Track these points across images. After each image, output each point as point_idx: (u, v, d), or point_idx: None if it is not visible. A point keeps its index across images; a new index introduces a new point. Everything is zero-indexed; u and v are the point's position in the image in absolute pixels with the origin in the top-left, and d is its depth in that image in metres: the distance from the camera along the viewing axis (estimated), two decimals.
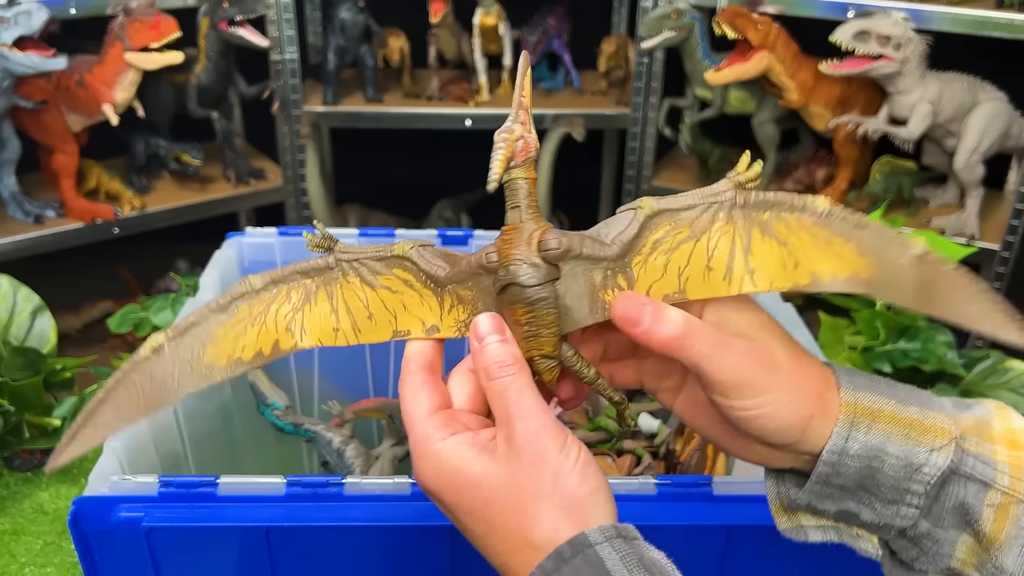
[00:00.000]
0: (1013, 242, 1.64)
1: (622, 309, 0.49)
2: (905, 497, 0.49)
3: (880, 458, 0.48)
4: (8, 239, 1.61)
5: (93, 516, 0.66)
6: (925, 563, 0.51)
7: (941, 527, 0.50)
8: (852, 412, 0.48)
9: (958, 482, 0.49)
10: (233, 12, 1.70)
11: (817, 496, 0.50)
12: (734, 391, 0.48)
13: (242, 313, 0.53)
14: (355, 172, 2.26)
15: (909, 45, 1.56)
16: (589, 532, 0.45)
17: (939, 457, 0.48)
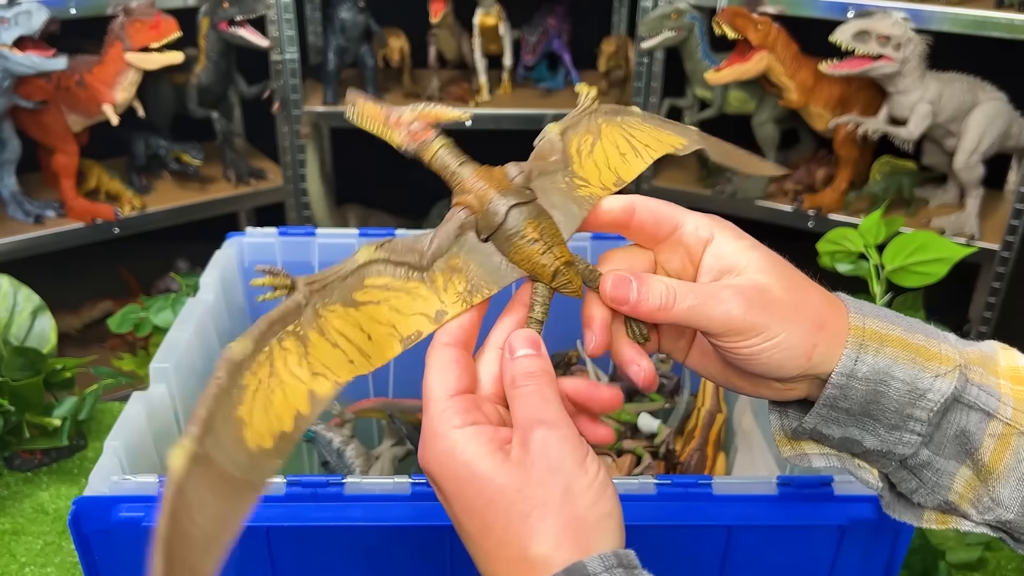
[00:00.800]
0: (1013, 242, 1.64)
1: (611, 290, 0.50)
2: (908, 423, 0.49)
3: (886, 382, 0.48)
4: (8, 239, 1.61)
5: (93, 516, 0.66)
6: (924, 495, 0.52)
7: (942, 455, 0.50)
8: (861, 335, 0.49)
9: (961, 410, 0.49)
10: (233, 12, 1.70)
11: (823, 420, 0.50)
12: (729, 336, 0.48)
13: (251, 383, 0.45)
14: (355, 172, 2.26)
15: (909, 45, 1.56)
16: (588, 561, 0.43)
17: (943, 383, 0.48)
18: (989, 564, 0.96)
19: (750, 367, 0.49)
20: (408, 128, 0.54)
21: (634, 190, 2.20)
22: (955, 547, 0.95)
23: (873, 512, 0.68)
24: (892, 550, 0.70)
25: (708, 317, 0.48)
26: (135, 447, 0.76)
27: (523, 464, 0.45)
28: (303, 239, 1.05)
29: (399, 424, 1.00)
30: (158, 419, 0.82)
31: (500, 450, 0.46)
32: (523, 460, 0.45)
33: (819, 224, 1.76)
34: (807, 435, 0.52)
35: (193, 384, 0.89)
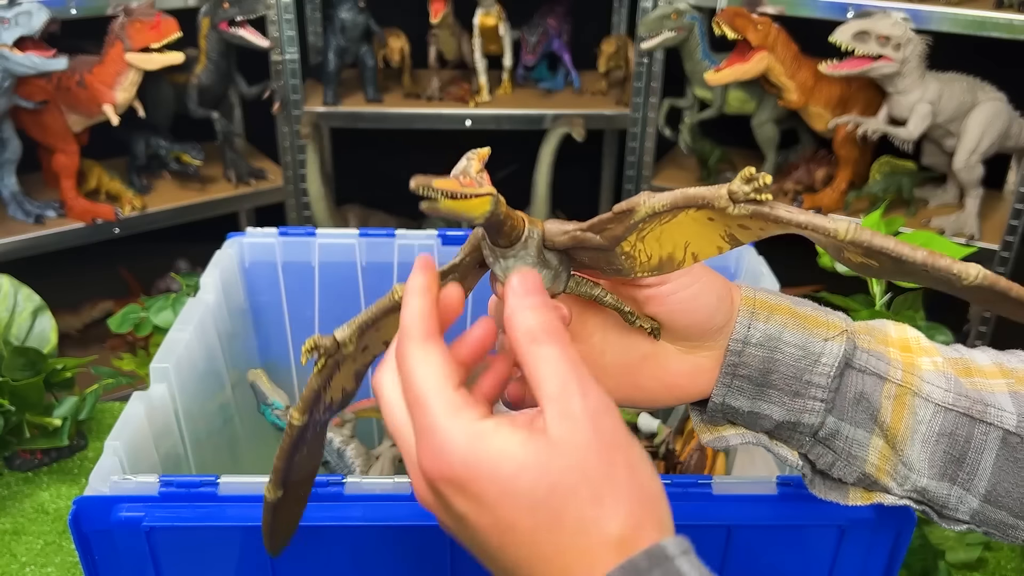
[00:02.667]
0: (1012, 242, 1.64)
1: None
2: (808, 389, 0.51)
3: (779, 347, 0.50)
4: (9, 239, 1.61)
5: (93, 516, 0.66)
6: (841, 468, 0.53)
7: (848, 422, 0.52)
8: (752, 304, 0.51)
9: (854, 375, 0.51)
10: (233, 12, 1.70)
11: (728, 390, 0.52)
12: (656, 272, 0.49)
13: None
14: (355, 172, 2.26)
15: (909, 45, 1.56)
16: (666, 544, 0.39)
17: (834, 346, 0.50)
18: (989, 564, 0.96)
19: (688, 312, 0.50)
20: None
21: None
22: (955, 547, 0.95)
23: (873, 512, 0.68)
24: (892, 550, 0.70)
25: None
26: (135, 447, 0.76)
27: (575, 440, 0.40)
28: (303, 239, 1.05)
29: None
30: (158, 419, 0.82)
31: (536, 431, 0.40)
32: (574, 434, 0.40)
33: None
34: (720, 414, 0.54)
35: (193, 384, 0.89)
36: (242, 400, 1.04)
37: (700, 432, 0.56)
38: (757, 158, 1.91)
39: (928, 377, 0.51)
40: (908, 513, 0.69)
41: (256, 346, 1.10)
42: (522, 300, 0.43)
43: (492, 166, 0.51)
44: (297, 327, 1.10)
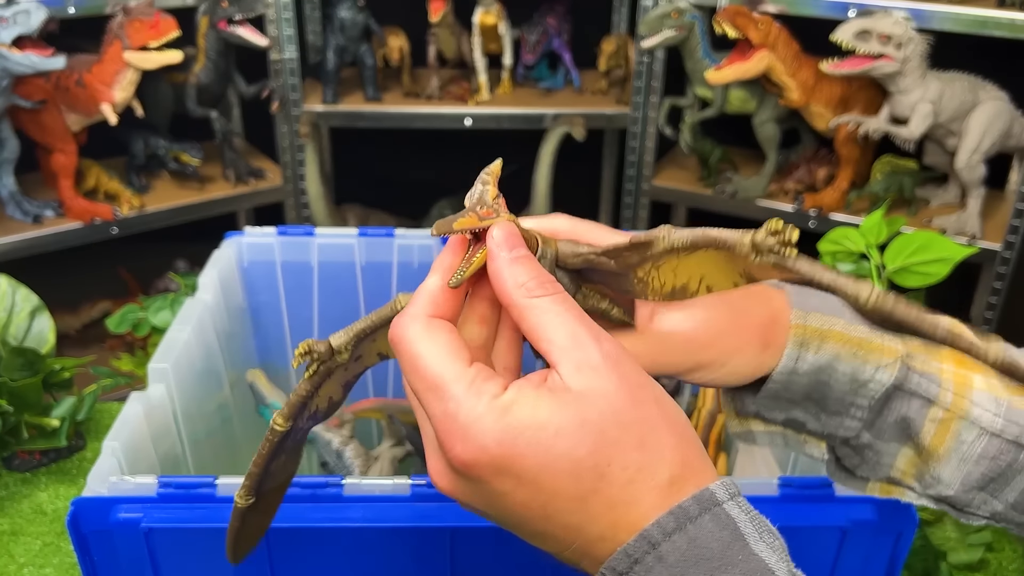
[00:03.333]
0: (1014, 242, 1.64)
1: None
2: (849, 410, 0.50)
3: (828, 374, 0.49)
4: (7, 239, 1.61)
5: (92, 517, 0.65)
6: (866, 471, 0.53)
7: (882, 440, 0.51)
8: (802, 334, 0.48)
9: (902, 398, 0.50)
10: (232, 11, 1.70)
11: (766, 407, 0.51)
12: (688, 376, 0.49)
13: None
14: (355, 172, 2.25)
15: (910, 44, 1.56)
16: (715, 488, 0.39)
17: (884, 374, 0.48)
18: (990, 565, 0.96)
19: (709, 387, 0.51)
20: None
21: (634, 189, 2.17)
22: (956, 548, 0.94)
23: (874, 513, 0.68)
24: (893, 551, 0.70)
25: (664, 364, 0.49)
26: (134, 447, 0.75)
27: (601, 390, 0.38)
28: (302, 239, 1.05)
29: (398, 425, 0.99)
30: (157, 419, 0.81)
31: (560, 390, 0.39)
32: (598, 386, 0.38)
33: (820, 224, 1.75)
34: (752, 416, 0.53)
35: (192, 384, 0.89)
36: (241, 400, 1.03)
37: (728, 417, 0.55)
38: (758, 157, 1.91)
39: (978, 399, 0.49)
40: (910, 514, 0.68)
41: (255, 346, 1.10)
42: (508, 254, 0.41)
43: None
44: (296, 327, 1.10)
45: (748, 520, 0.39)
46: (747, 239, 0.45)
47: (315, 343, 0.48)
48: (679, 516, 0.38)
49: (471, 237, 0.43)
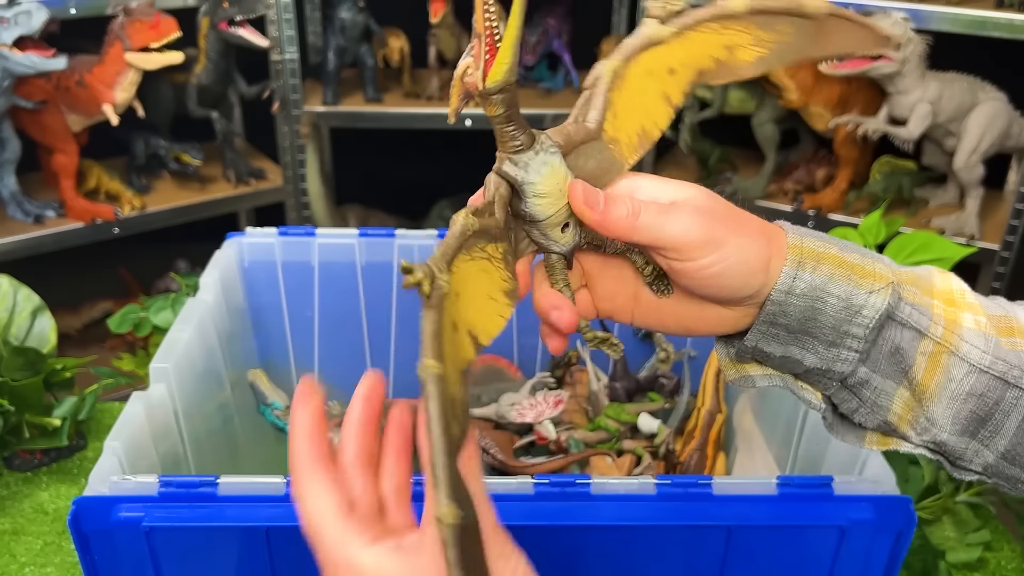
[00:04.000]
0: (1013, 242, 1.64)
1: (583, 195, 0.49)
2: (845, 340, 0.50)
3: (823, 298, 0.49)
4: (8, 239, 1.61)
5: (93, 516, 0.66)
6: (864, 414, 0.53)
7: (879, 373, 0.51)
8: (799, 254, 0.50)
9: (894, 328, 0.50)
10: (233, 12, 1.70)
11: (764, 337, 0.51)
12: (695, 249, 0.48)
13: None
14: (355, 172, 2.26)
15: (909, 45, 1.56)
16: None
17: (877, 299, 0.49)
18: (989, 564, 0.96)
19: (713, 286, 0.50)
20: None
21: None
22: (955, 547, 0.95)
23: (873, 512, 0.68)
24: (892, 550, 0.70)
25: (670, 230, 0.48)
26: (135, 447, 0.75)
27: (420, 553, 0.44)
28: (303, 239, 1.05)
29: None
30: (158, 419, 0.82)
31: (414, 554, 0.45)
32: (420, 546, 0.44)
33: (819, 224, 1.76)
34: (749, 355, 0.53)
35: (193, 384, 0.89)
36: (241, 400, 1.04)
37: (725, 368, 0.56)
38: (757, 158, 1.91)
39: (968, 336, 0.50)
40: (909, 513, 0.69)
41: (255, 346, 1.10)
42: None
43: (492, 166, 0.51)
44: (296, 327, 1.10)
45: None
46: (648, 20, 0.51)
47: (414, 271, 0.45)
48: None
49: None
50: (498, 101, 0.47)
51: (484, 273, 0.48)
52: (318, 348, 1.10)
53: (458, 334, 0.46)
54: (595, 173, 0.51)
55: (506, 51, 0.45)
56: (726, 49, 0.53)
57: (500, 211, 0.49)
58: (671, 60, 0.52)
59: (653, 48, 0.51)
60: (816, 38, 0.54)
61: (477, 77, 0.46)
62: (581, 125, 0.51)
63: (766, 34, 0.53)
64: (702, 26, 0.51)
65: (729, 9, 0.52)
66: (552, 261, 0.52)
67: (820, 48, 0.55)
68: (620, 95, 0.51)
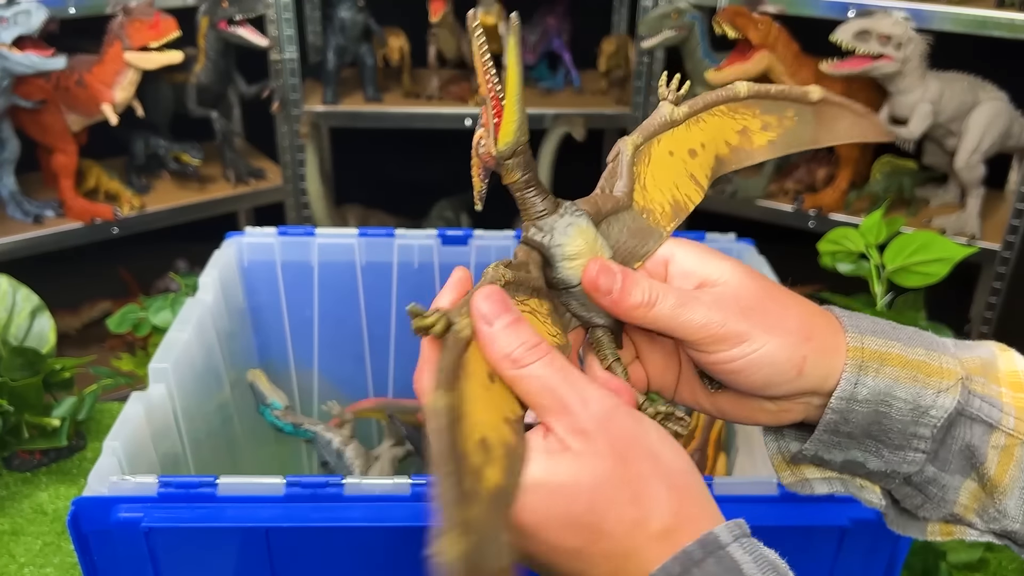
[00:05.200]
0: (1014, 242, 1.64)
1: (597, 276, 0.47)
2: (912, 442, 0.48)
3: (888, 402, 0.47)
4: (7, 239, 1.61)
5: (92, 516, 0.65)
6: (929, 510, 0.51)
7: (947, 471, 0.49)
8: (860, 356, 0.47)
9: (964, 424, 0.48)
10: (233, 11, 1.70)
11: (824, 446, 0.49)
12: (713, 344, 0.46)
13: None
14: (355, 172, 2.25)
15: (910, 44, 1.56)
16: (719, 531, 0.40)
17: (946, 398, 0.47)
18: (990, 565, 0.96)
19: (738, 384, 0.48)
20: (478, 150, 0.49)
21: None
22: (956, 548, 0.94)
23: (874, 514, 0.68)
24: (893, 551, 0.70)
25: (688, 320, 0.46)
26: (134, 447, 0.75)
27: (593, 451, 0.41)
28: (302, 239, 1.05)
29: (398, 425, 0.99)
30: (157, 419, 0.81)
31: (555, 452, 0.41)
32: (589, 447, 0.41)
33: (820, 224, 1.75)
34: (808, 461, 0.51)
35: (192, 384, 0.89)
36: (241, 400, 1.03)
37: (778, 469, 0.53)
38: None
39: None
40: None
41: (255, 346, 1.10)
42: (491, 327, 0.43)
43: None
44: (296, 327, 1.10)
45: (752, 561, 0.40)
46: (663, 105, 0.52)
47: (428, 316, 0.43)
48: (684, 561, 0.39)
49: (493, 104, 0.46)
50: (513, 166, 0.47)
51: None
52: (318, 348, 1.10)
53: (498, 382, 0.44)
54: (632, 241, 0.50)
55: (510, 109, 0.45)
56: (739, 134, 0.54)
57: (536, 271, 0.48)
58: (691, 142, 0.53)
59: (672, 130, 0.53)
60: (819, 125, 0.56)
61: (490, 143, 0.46)
62: (608, 195, 0.51)
63: (772, 119, 0.55)
64: (715, 110, 0.53)
65: (733, 93, 0.53)
66: (598, 336, 0.49)
67: (825, 135, 0.56)
68: (646, 169, 0.52)
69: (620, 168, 0.51)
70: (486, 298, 0.43)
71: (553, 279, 0.48)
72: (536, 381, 0.42)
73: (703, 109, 0.53)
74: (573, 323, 0.50)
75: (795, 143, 0.55)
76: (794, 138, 0.55)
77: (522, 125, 0.46)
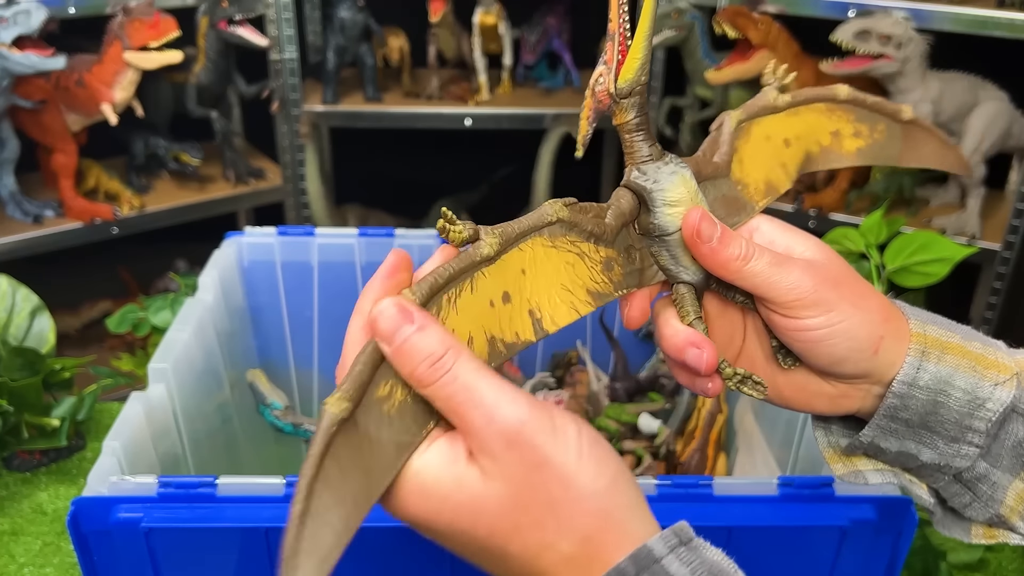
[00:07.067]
0: (1014, 242, 1.64)
1: (699, 223, 0.46)
2: (967, 435, 0.48)
3: (946, 392, 0.47)
4: (7, 239, 1.61)
5: (92, 517, 0.65)
6: (976, 509, 0.50)
7: (999, 468, 0.49)
8: (923, 342, 0.47)
9: (1017, 420, 0.48)
10: (232, 11, 1.70)
11: (882, 432, 0.49)
12: (802, 308, 0.46)
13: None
14: (355, 172, 2.25)
15: (910, 44, 1.56)
16: (652, 544, 0.39)
17: (1003, 391, 0.47)
18: (990, 565, 0.96)
19: (816, 351, 0.47)
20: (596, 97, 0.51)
21: None
22: (956, 547, 0.94)
23: (874, 513, 0.68)
24: (893, 551, 0.70)
25: (779, 282, 0.46)
26: (134, 447, 0.75)
27: (499, 473, 0.39)
28: (302, 239, 1.05)
29: None
30: (157, 419, 0.81)
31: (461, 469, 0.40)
32: (495, 468, 0.39)
33: (820, 224, 1.75)
34: (862, 450, 0.51)
35: (192, 384, 0.89)
36: (241, 400, 1.03)
37: (830, 460, 0.52)
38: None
39: None
40: (910, 514, 0.68)
41: (255, 346, 1.10)
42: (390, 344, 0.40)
43: (492, 166, 0.50)
44: (296, 327, 1.10)
45: (689, 572, 0.38)
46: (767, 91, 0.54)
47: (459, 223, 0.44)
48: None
49: None
50: (628, 106, 0.48)
51: (569, 266, 0.46)
52: (317, 348, 1.10)
53: (512, 306, 0.44)
54: (723, 210, 0.50)
55: (638, 47, 0.45)
56: (832, 135, 0.56)
57: (614, 220, 0.47)
58: (787, 131, 0.55)
59: (771, 115, 0.54)
60: (905, 144, 0.58)
61: (609, 80, 0.47)
62: (709, 160, 0.51)
63: (864, 128, 0.56)
64: (813, 107, 0.55)
65: (833, 94, 0.55)
66: (682, 292, 0.49)
67: (907, 154, 0.58)
68: (745, 144, 0.53)
69: (722, 138, 0.52)
70: (381, 316, 0.40)
71: (650, 224, 0.48)
72: (440, 399, 0.40)
73: (804, 102, 0.54)
74: (658, 276, 0.49)
75: (881, 156, 0.57)
76: (881, 152, 0.57)
77: (645, 64, 0.46)
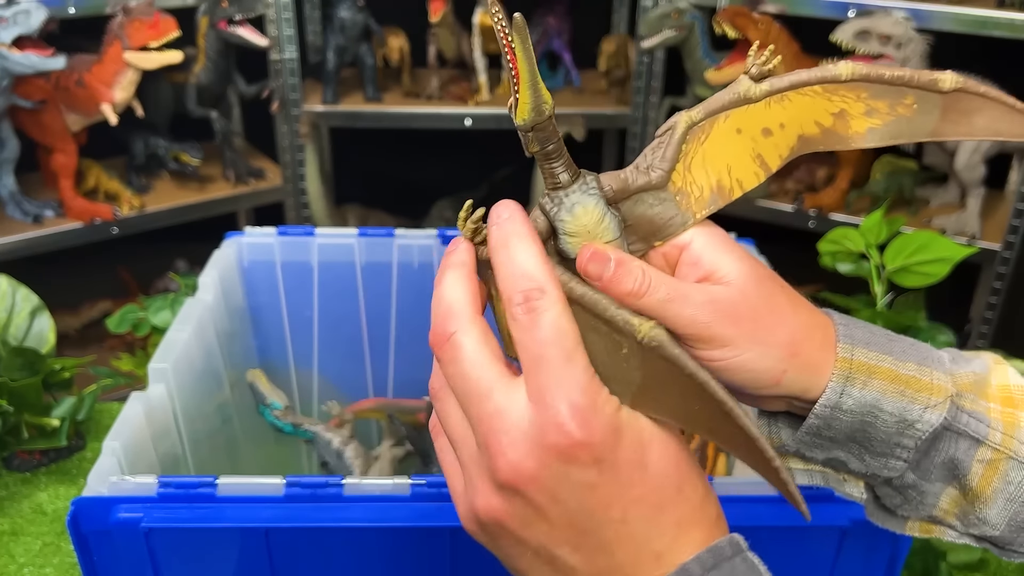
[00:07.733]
0: (1014, 242, 1.64)
1: (588, 263, 0.47)
2: (895, 451, 0.48)
3: (874, 414, 0.47)
4: (7, 239, 1.61)
5: (92, 517, 0.65)
6: (907, 510, 0.51)
7: (928, 480, 0.49)
8: (848, 367, 0.47)
9: (950, 438, 0.48)
10: (232, 11, 1.70)
11: (806, 446, 0.50)
12: (697, 342, 0.46)
13: None
14: (354, 172, 2.26)
15: (910, 44, 1.56)
16: (738, 536, 0.43)
17: (933, 415, 0.47)
18: (990, 565, 0.96)
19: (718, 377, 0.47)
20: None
21: None
22: (956, 548, 0.94)
23: None
24: (893, 551, 0.70)
25: (676, 315, 0.46)
26: (134, 447, 0.75)
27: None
28: (302, 239, 1.05)
29: (398, 425, 0.99)
30: (157, 419, 0.81)
31: None
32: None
33: (820, 224, 1.75)
34: (792, 454, 0.51)
35: (192, 384, 0.89)
36: (241, 400, 1.03)
37: None
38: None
39: None
40: None
41: (255, 346, 1.10)
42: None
43: (492, 166, 0.50)
44: (296, 327, 1.09)
45: (764, 570, 0.43)
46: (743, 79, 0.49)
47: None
48: (716, 554, 0.42)
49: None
50: (532, 139, 0.48)
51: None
52: (317, 348, 1.10)
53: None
54: (653, 223, 0.49)
55: (524, 91, 0.46)
56: (834, 116, 0.49)
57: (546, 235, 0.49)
58: (767, 120, 0.49)
59: (746, 107, 0.49)
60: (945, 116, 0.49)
61: (513, 115, 0.48)
62: (643, 172, 0.49)
63: (882, 104, 0.49)
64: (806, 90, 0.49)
65: (831, 74, 0.48)
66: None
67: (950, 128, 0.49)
68: (699, 147, 0.49)
69: (666, 145, 0.49)
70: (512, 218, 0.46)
71: (558, 249, 0.49)
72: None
73: (788, 88, 0.48)
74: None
75: (906, 134, 0.49)
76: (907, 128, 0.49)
77: (537, 106, 0.48)
